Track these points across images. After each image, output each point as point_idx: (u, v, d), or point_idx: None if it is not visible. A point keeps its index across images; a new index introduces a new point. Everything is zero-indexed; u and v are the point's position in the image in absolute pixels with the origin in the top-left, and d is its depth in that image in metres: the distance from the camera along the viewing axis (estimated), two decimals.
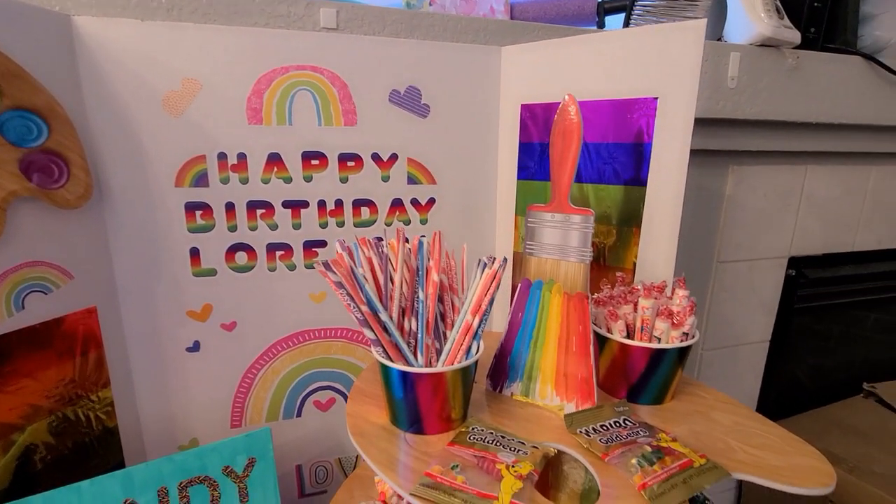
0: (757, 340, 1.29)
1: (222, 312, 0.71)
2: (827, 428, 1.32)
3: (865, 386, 1.47)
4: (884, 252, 1.35)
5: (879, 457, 1.17)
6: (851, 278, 1.34)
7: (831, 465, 1.08)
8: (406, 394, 0.44)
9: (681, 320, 0.47)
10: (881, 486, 1.07)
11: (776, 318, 1.28)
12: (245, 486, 0.66)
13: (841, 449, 1.21)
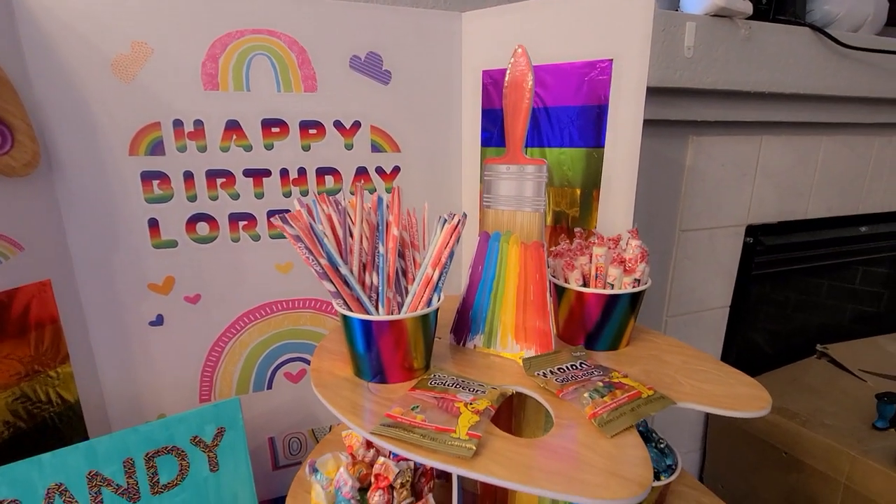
0: (718, 306, 1.35)
1: (185, 285, 0.70)
2: (783, 387, 1.39)
3: (818, 347, 1.56)
4: (834, 219, 1.42)
5: (830, 410, 1.25)
6: (805, 245, 1.41)
7: (787, 419, 1.14)
8: (368, 344, 0.44)
9: (632, 267, 0.49)
10: (831, 437, 1.14)
11: (735, 284, 1.34)
12: (215, 456, 0.65)
13: (795, 405, 1.28)
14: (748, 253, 1.33)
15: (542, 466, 0.34)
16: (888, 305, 1.72)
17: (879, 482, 1.03)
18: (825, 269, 1.57)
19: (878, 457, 1.05)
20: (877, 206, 1.47)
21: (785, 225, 1.36)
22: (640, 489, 0.31)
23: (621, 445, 0.36)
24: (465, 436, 0.36)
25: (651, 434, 0.55)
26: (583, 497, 0.31)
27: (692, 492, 0.58)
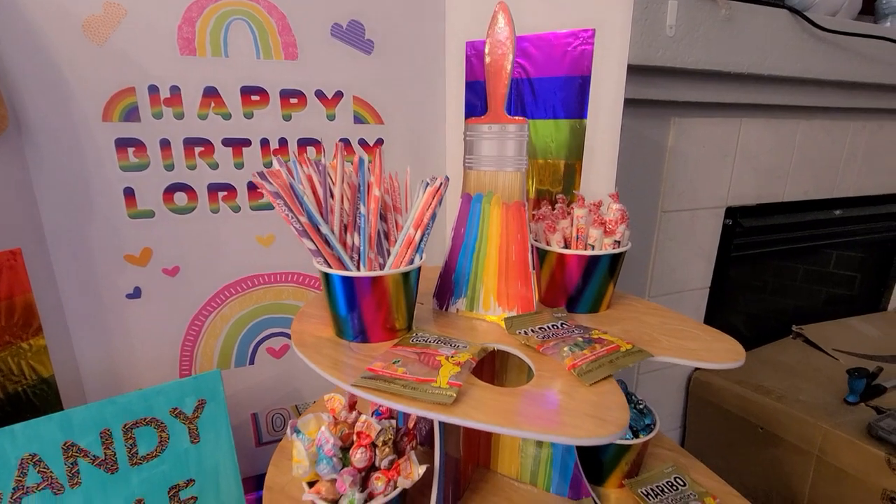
0: (698, 287, 1.37)
1: (163, 257, 0.69)
2: (759, 366, 1.43)
3: (794, 328, 1.60)
4: (809, 202, 1.46)
5: (804, 387, 1.29)
6: (782, 227, 1.44)
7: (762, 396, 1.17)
8: (349, 302, 0.44)
9: (613, 228, 0.50)
10: (804, 411, 1.18)
11: (715, 265, 1.37)
12: (196, 428, 0.64)
13: (771, 382, 1.31)
14: (727, 234, 1.35)
15: (522, 411, 0.34)
16: (861, 288, 1.78)
17: (850, 453, 1.06)
18: (801, 252, 1.61)
19: (848, 429, 1.09)
20: (850, 191, 1.51)
21: (763, 207, 1.39)
22: (616, 429, 0.32)
23: (600, 393, 0.37)
24: (445, 385, 0.36)
25: (631, 396, 0.56)
26: (561, 436, 0.31)
27: (670, 453, 0.59)
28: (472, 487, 0.54)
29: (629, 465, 0.53)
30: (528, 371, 0.44)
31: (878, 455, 1.01)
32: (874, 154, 1.48)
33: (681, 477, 0.54)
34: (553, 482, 0.53)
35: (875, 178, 1.53)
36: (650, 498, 0.51)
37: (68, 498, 0.56)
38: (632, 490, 0.52)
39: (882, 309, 1.79)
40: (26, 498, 0.54)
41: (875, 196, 1.56)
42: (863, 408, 1.18)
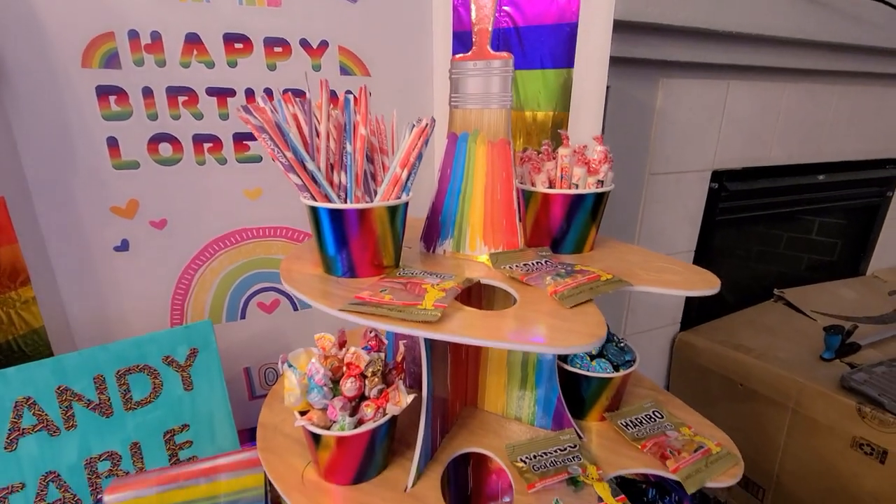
0: (684, 250, 1.40)
1: (150, 209, 0.69)
2: (741, 327, 1.47)
3: (776, 292, 1.64)
4: (794, 167, 1.48)
5: (783, 345, 1.33)
6: (767, 191, 1.46)
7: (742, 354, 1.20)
8: (336, 236, 0.45)
9: (596, 168, 0.51)
10: (782, 368, 1.22)
11: (700, 228, 1.39)
12: (189, 376, 0.66)
13: (751, 342, 1.35)
14: (713, 198, 1.37)
15: (505, 327, 0.36)
16: (841, 254, 1.82)
17: (823, 404, 1.11)
18: (785, 217, 1.64)
19: (822, 382, 1.13)
20: (834, 155, 1.53)
21: (748, 171, 1.40)
22: (594, 339, 0.33)
23: (579, 313, 0.38)
24: (430, 307, 0.38)
25: (612, 336, 0.58)
26: (542, 346, 0.33)
27: (650, 392, 0.61)
28: (460, 423, 0.56)
29: (609, 399, 0.55)
30: (514, 302, 0.45)
31: (850, 405, 1.06)
32: (858, 119, 1.50)
33: (658, 410, 0.57)
34: (537, 417, 0.55)
35: (858, 143, 1.55)
36: (629, 428, 0.54)
37: (65, 440, 0.57)
38: (612, 422, 0.55)
39: (861, 274, 1.84)
40: (23, 439, 0.55)
41: (857, 161, 1.59)
42: (838, 364, 1.23)
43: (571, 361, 0.55)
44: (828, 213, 1.71)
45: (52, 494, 0.56)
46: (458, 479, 0.59)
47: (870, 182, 1.66)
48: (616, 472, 0.49)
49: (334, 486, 0.47)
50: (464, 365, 0.57)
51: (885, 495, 1.01)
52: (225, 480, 0.52)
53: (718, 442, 0.51)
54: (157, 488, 0.49)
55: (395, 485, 0.47)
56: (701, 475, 0.47)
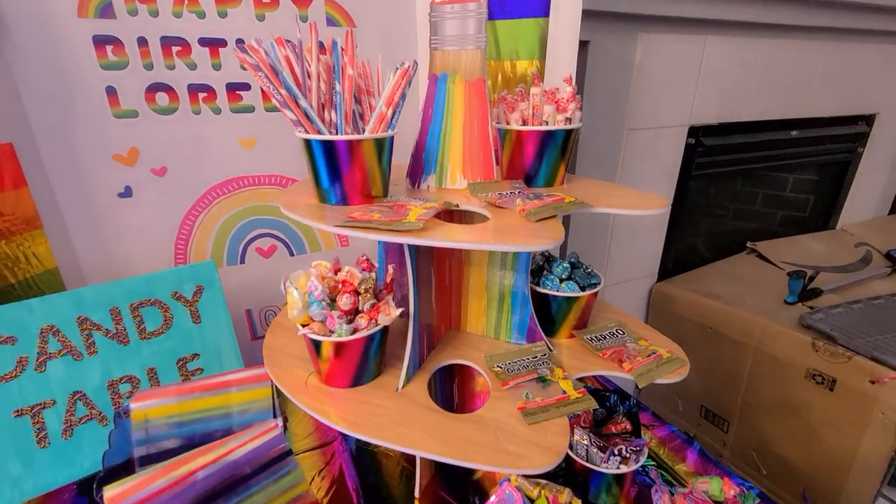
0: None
1: (150, 157, 0.73)
2: (713, 276, 1.56)
3: (748, 245, 1.73)
4: (769, 123, 1.53)
5: (751, 292, 1.42)
6: (742, 146, 1.52)
7: (713, 300, 1.29)
8: (329, 167, 0.50)
9: (565, 106, 0.56)
10: (748, 311, 1.31)
11: (677, 184, 1.45)
12: (196, 310, 0.71)
13: (722, 290, 1.44)
14: (689, 153, 1.43)
15: (482, 234, 0.42)
16: (813, 209, 1.90)
17: (782, 341, 1.21)
18: (759, 172, 1.70)
19: (783, 323, 1.23)
20: (808, 111, 1.58)
21: (724, 127, 1.45)
22: (551, 241, 0.40)
23: (544, 225, 0.44)
24: (414, 219, 0.43)
25: (580, 263, 0.64)
26: (513, 245, 0.39)
27: (615, 316, 0.69)
28: (445, 342, 0.63)
29: (577, 318, 0.62)
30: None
31: (806, 340, 1.15)
32: (832, 75, 1.54)
33: (621, 329, 0.64)
34: (513, 335, 0.62)
35: (831, 99, 1.60)
36: (593, 342, 0.61)
37: (88, 363, 0.63)
38: (579, 338, 0.62)
39: (831, 227, 1.93)
40: (50, 362, 0.61)
41: (830, 117, 1.64)
42: (800, 307, 1.32)
43: (543, 284, 0.61)
44: (801, 169, 1.77)
45: (80, 411, 0.62)
46: (444, 393, 0.66)
47: (842, 138, 1.73)
48: (579, 373, 0.56)
49: (335, 389, 0.53)
50: (447, 292, 0.63)
51: (832, 419, 1.12)
52: (236, 393, 0.59)
53: (669, 349, 0.59)
54: (176, 398, 0.56)
55: (387, 387, 0.54)
56: (651, 373, 0.54)
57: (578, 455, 0.59)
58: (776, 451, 1.25)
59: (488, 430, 0.47)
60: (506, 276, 0.59)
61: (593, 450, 0.58)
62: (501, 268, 0.59)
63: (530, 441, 0.45)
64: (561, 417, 0.48)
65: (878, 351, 1.03)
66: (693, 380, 1.47)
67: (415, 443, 0.46)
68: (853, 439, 1.07)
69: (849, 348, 1.08)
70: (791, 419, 1.21)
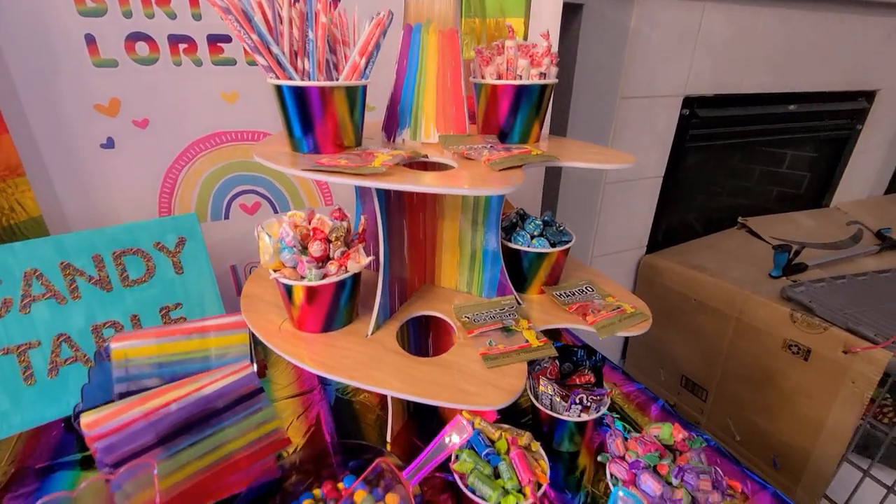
0: (652, 176, 1.46)
1: (132, 108, 0.73)
2: (702, 250, 1.57)
3: (739, 220, 1.73)
4: (766, 96, 1.51)
5: (737, 266, 1.43)
6: (737, 119, 1.50)
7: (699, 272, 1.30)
8: (300, 114, 0.50)
9: (539, 60, 0.55)
10: (732, 283, 1.33)
11: (670, 154, 1.44)
12: (179, 261, 0.73)
13: (708, 263, 1.45)
14: (683, 124, 1.41)
15: (447, 180, 0.43)
16: (809, 187, 1.89)
17: (763, 312, 1.23)
18: (754, 146, 1.69)
19: (765, 294, 1.24)
20: (806, 86, 1.56)
21: (720, 99, 1.44)
22: (511, 185, 0.41)
23: (506, 174, 0.45)
24: (378, 164, 0.44)
25: (552, 221, 0.65)
26: (476, 188, 0.40)
27: (586, 274, 0.70)
28: (418, 295, 0.64)
29: (547, 274, 0.64)
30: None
31: (785, 311, 1.17)
32: (832, 49, 1.51)
33: (591, 286, 0.66)
34: (484, 289, 0.63)
35: (831, 74, 1.58)
36: (562, 297, 0.62)
37: (72, 308, 0.65)
38: (549, 293, 0.63)
39: (825, 206, 1.92)
40: (35, 304, 0.63)
41: (829, 92, 1.62)
42: (784, 281, 1.33)
43: (514, 240, 0.62)
44: (797, 145, 1.76)
45: (65, 352, 0.65)
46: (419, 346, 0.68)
47: (840, 114, 1.71)
48: (543, 326, 0.58)
49: (307, 334, 0.55)
50: (422, 246, 0.64)
51: (805, 388, 1.15)
52: (214, 338, 0.61)
53: (634, 305, 0.60)
54: (156, 340, 0.58)
55: (358, 333, 0.56)
56: (613, 326, 0.56)
57: (543, 405, 0.62)
58: (751, 418, 1.29)
59: (450, 372, 0.49)
60: (477, 231, 0.60)
61: (556, 399, 0.60)
62: (473, 223, 0.60)
63: (488, 382, 0.47)
64: (520, 363, 0.50)
65: (854, 322, 1.05)
66: (675, 350, 1.51)
67: (380, 382, 0.48)
68: (824, 407, 1.11)
69: (825, 319, 1.10)
70: (766, 388, 1.24)
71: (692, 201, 1.66)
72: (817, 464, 1.13)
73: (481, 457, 0.52)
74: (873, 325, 1.03)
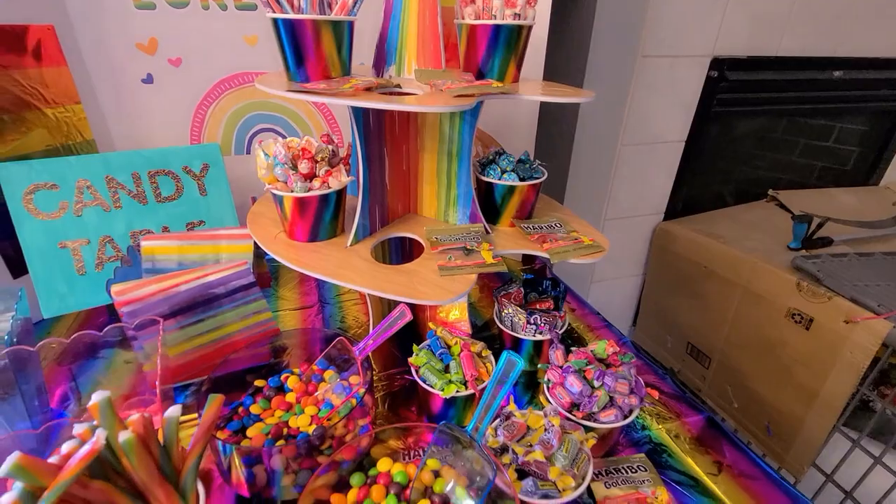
0: (673, 140, 1.43)
1: (167, 47, 0.83)
2: (722, 220, 1.53)
3: (770, 192, 1.66)
4: (807, 60, 1.42)
5: (756, 237, 1.40)
6: (773, 84, 1.43)
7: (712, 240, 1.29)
8: (292, 44, 0.57)
9: (514, 1, 0.59)
10: (744, 251, 1.31)
11: (693, 118, 1.40)
12: (203, 184, 0.84)
13: (726, 232, 1.43)
14: (710, 88, 1.37)
15: (391, 99, 0.49)
16: (856, 163, 1.77)
17: (769, 281, 1.21)
18: (795, 118, 1.60)
19: (774, 264, 1.22)
20: (855, 50, 1.45)
21: (754, 61, 1.37)
22: (464, 103, 0.46)
23: (460, 99, 0.51)
24: (348, 87, 0.51)
25: (527, 160, 0.70)
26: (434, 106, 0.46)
27: (560, 212, 0.75)
28: (399, 221, 0.72)
29: (517, 207, 0.69)
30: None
31: (791, 280, 1.16)
32: (887, 9, 1.39)
33: (560, 223, 0.70)
34: (458, 218, 0.70)
35: (886, 36, 1.45)
36: (529, 229, 0.68)
37: (114, 215, 0.78)
38: (518, 226, 0.69)
39: (874, 183, 1.80)
40: (85, 209, 0.76)
41: (883, 59, 1.50)
42: (803, 253, 1.29)
43: (486, 173, 0.68)
44: (843, 116, 1.65)
45: (108, 251, 0.78)
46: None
47: (895, 83, 1.58)
48: (504, 251, 0.64)
49: (296, 242, 0.64)
50: (405, 176, 0.71)
51: (803, 357, 1.14)
52: (225, 245, 0.71)
53: (593, 239, 0.65)
54: (177, 241, 0.69)
55: (338, 245, 0.64)
56: (566, 253, 0.61)
57: (506, 325, 0.68)
58: (750, 386, 1.30)
59: (408, 276, 0.57)
60: (452, 162, 0.66)
61: (516, 319, 0.66)
62: (448, 155, 0.66)
63: (437, 285, 0.55)
64: (471, 274, 0.57)
65: (858, 293, 1.04)
66: (683, 318, 1.51)
67: (348, 279, 0.56)
68: (820, 377, 1.10)
69: (831, 289, 1.08)
70: (767, 357, 1.24)
71: (718, 170, 1.61)
72: (809, 432, 1.14)
73: (435, 355, 0.60)
74: (879, 298, 1.01)
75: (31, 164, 0.71)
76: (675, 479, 0.53)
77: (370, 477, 0.45)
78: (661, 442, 0.58)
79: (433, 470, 0.45)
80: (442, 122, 0.64)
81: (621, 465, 0.54)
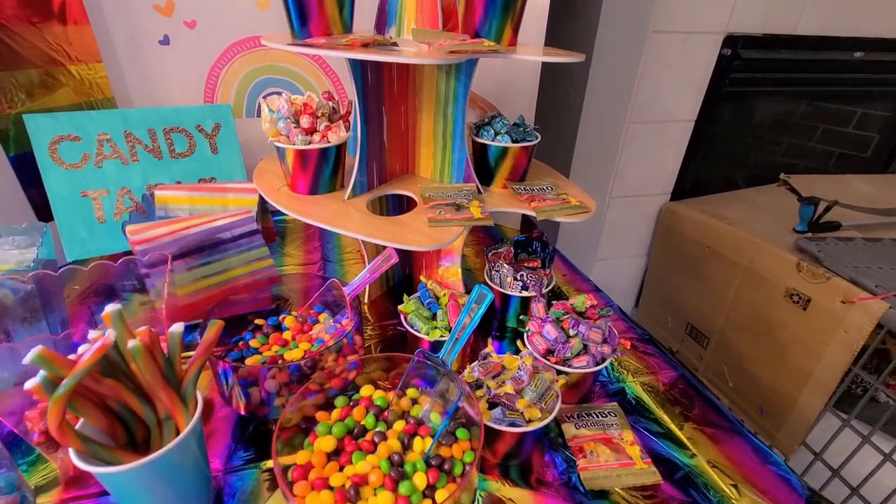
0: (683, 119, 1.42)
1: (183, 9, 0.87)
2: (730, 202, 1.52)
3: (781, 176, 1.63)
4: (826, 39, 1.39)
5: (763, 219, 1.39)
6: (789, 64, 1.40)
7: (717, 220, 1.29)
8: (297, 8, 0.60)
9: None
10: (748, 232, 1.31)
11: (704, 97, 1.39)
12: (215, 143, 0.88)
13: (733, 214, 1.42)
14: (723, 66, 1.35)
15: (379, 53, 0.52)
16: (877, 149, 1.73)
17: (771, 261, 1.22)
18: (812, 100, 1.56)
19: (777, 244, 1.22)
20: (878, 30, 1.41)
21: (770, 39, 1.34)
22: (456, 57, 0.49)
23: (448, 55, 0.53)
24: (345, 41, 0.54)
25: (522, 124, 0.72)
26: (394, 58, 0.49)
27: (555, 178, 0.77)
28: (397, 179, 0.75)
29: (509, 169, 0.72)
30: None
31: (792, 260, 1.16)
32: None
33: (552, 186, 0.73)
34: (453, 177, 0.73)
35: None
36: (520, 190, 0.70)
37: (131, 168, 0.82)
38: (510, 187, 0.71)
39: (892, 172, 1.76)
40: (105, 161, 0.81)
41: None
42: (807, 236, 1.28)
43: (480, 135, 0.70)
44: (865, 101, 1.61)
45: (126, 202, 0.83)
46: None
47: None
48: (493, 208, 0.66)
49: (297, 195, 0.68)
50: (404, 137, 0.74)
51: (799, 337, 1.15)
52: (232, 197, 0.75)
53: (580, 199, 0.67)
54: (188, 192, 0.73)
55: (337, 198, 0.68)
56: (552, 212, 0.64)
57: (495, 282, 0.71)
58: (745, 366, 1.31)
59: (399, 226, 0.60)
60: (447, 123, 0.69)
61: (504, 275, 0.70)
62: (444, 116, 0.68)
63: (424, 234, 0.58)
64: (457, 227, 0.60)
65: (858, 274, 1.04)
66: (684, 298, 1.52)
67: (342, 226, 0.60)
68: (815, 357, 1.11)
69: (830, 269, 1.08)
70: (764, 337, 1.25)
71: (730, 152, 1.59)
72: (801, 412, 1.15)
73: (423, 304, 0.63)
74: (877, 279, 1.01)
75: (56, 115, 0.76)
76: (643, 427, 0.57)
77: (353, 400, 0.49)
78: (635, 394, 0.61)
79: (412, 398, 0.49)
80: (438, 82, 0.66)
81: (593, 411, 0.57)
